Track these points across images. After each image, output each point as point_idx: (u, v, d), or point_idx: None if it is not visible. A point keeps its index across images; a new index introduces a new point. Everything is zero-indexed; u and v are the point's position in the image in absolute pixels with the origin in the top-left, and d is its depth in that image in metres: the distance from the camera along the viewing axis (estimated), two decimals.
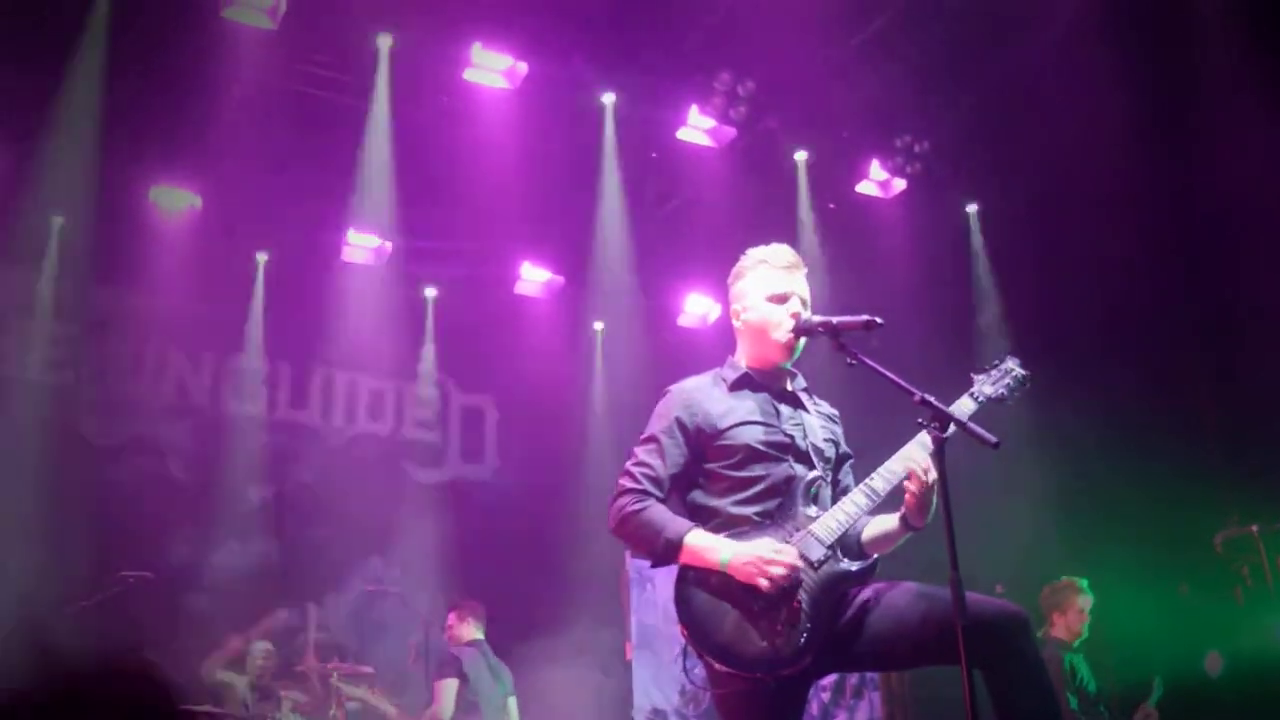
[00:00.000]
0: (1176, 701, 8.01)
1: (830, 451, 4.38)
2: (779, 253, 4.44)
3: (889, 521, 4.24)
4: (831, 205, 11.63)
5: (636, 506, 4.14)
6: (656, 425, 4.31)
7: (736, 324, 4.50)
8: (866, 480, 4.14)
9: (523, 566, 11.21)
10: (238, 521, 11.03)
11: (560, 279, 12.29)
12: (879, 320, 4.02)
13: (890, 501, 4.15)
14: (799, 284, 4.38)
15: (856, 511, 4.08)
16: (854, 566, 4.06)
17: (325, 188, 10.55)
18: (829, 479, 4.29)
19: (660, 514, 4.11)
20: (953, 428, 3.85)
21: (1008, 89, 10.04)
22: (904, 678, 10.89)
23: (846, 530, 4.08)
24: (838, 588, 4.02)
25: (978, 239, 11.86)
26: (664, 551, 4.07)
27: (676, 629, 4.06)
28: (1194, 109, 9.45)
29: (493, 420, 13.20)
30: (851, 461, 4.55)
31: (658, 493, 4.18)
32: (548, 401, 12.38)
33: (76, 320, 10.95)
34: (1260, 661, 8.24)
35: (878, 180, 11.52)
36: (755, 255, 4.48)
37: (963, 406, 4.31)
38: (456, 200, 10.49)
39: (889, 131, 11.05)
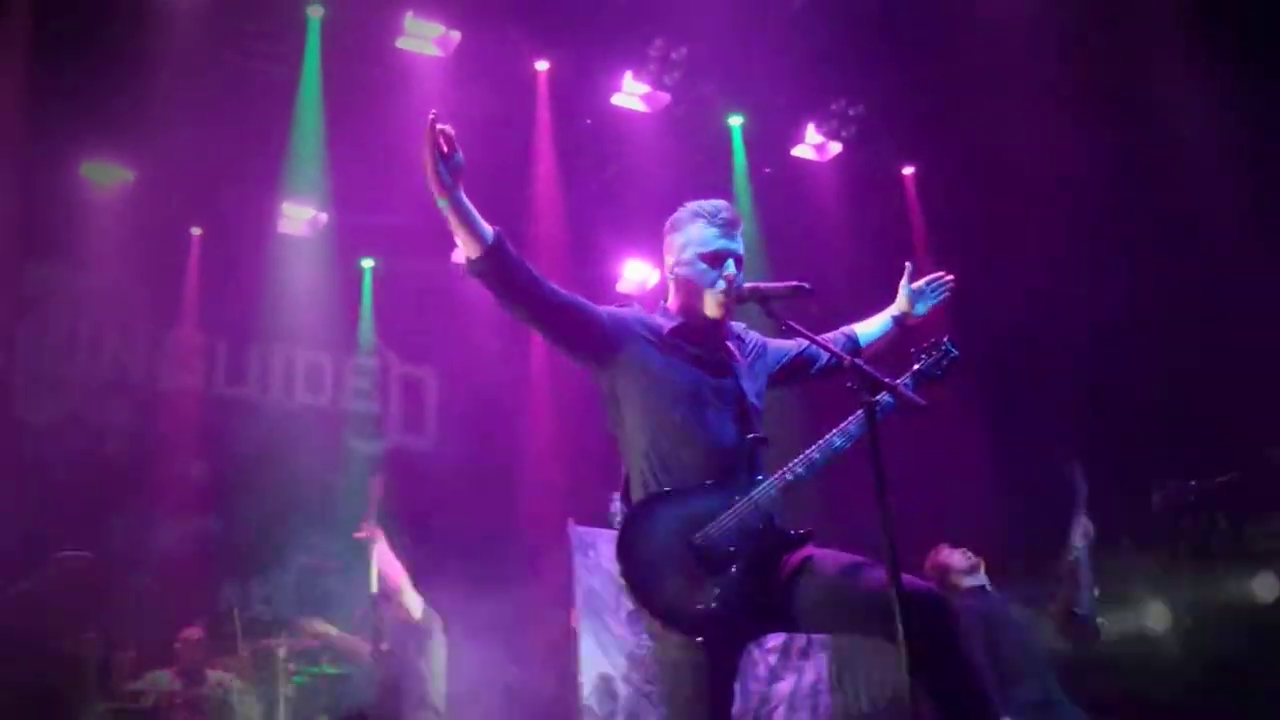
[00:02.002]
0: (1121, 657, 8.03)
1: (761, 405, 4.36)
2: (719, 209, 4.35)
3: (882, 323, 4.76)
4: (767, 170, 11.66)
5: None
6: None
7: (669, 275, 4.44)
8: (806, 452, 4.14)
9: (465, 536, 11.19)
10: (177, 499, 10.94)
11: None
12: (807, 286, 4.03)
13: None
14: (736, 243, 4.32)
15: (795, 481, 4.09)
16: (791, 533, 4.08)
17: (259, 160, 10.47)
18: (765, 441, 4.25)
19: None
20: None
21: (943, 50, 10.05)
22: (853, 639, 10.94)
23: (784, 500, 4.09)
24: (775, 553, 4.04)
25: (915, 202, 11.91)
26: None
27: (618, 593, 4.06)
28: (1139, 74, 9.48)
29: (433, 390, 13.15)
30: (806, 350, 4.62)
31: (542, 278, 4.18)
32: (489, 371, 12.35)
33: (8, 297, 10.81)
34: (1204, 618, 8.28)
35: (813, 144, 11.55)
36: (694, 208, 4.39)
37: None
38: (391, 170, 10.41)
39: (824, 95, 11.07)
